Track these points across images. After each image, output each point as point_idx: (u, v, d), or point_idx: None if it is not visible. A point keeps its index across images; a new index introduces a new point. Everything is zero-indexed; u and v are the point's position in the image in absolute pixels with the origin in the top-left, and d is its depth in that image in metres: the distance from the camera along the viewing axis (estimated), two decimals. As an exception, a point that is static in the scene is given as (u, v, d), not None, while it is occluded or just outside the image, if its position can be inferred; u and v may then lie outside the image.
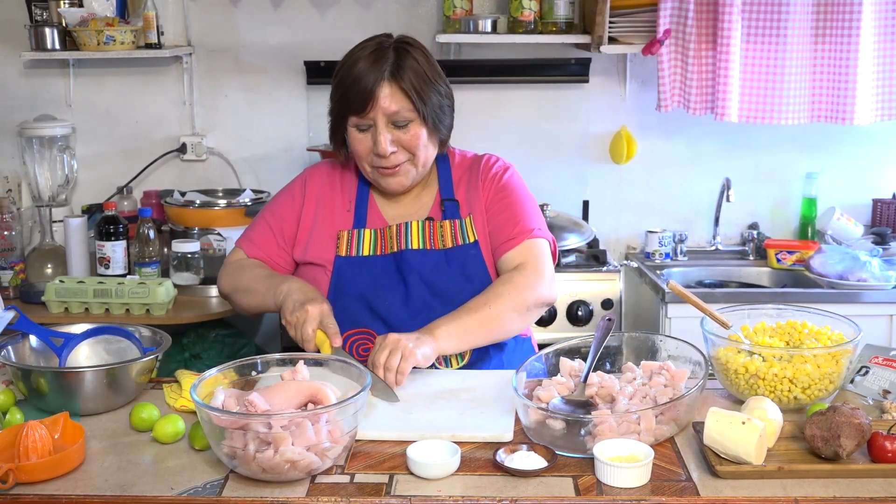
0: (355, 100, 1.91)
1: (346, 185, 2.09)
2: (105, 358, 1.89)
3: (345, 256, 2.00)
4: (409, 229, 2.01)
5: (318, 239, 2.04)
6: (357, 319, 1.97)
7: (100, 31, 3.15)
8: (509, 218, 2.02)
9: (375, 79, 1.90)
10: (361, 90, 1.90)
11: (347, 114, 1.94)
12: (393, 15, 3.40)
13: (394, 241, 2.01)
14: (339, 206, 2.07)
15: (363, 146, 1.95)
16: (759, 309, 1.92)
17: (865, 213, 3.49)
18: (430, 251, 1.99)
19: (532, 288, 1.93)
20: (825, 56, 3.15)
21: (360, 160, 1.99)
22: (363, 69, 1.91)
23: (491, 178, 2.06)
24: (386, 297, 1.97)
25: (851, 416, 1.49)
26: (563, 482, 1.46)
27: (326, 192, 2.08)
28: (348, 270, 1.99)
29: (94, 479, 1.47)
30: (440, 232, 2.01)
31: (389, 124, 1.93)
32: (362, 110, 1.91)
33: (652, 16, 3.17)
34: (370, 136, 1.94)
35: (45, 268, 3.09)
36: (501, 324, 1.90)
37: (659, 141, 3.47)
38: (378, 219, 2.05)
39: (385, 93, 1.90)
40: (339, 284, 1.99)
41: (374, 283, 1.98)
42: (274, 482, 1.45)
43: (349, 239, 2.01)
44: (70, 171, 3.35)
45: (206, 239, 3.09)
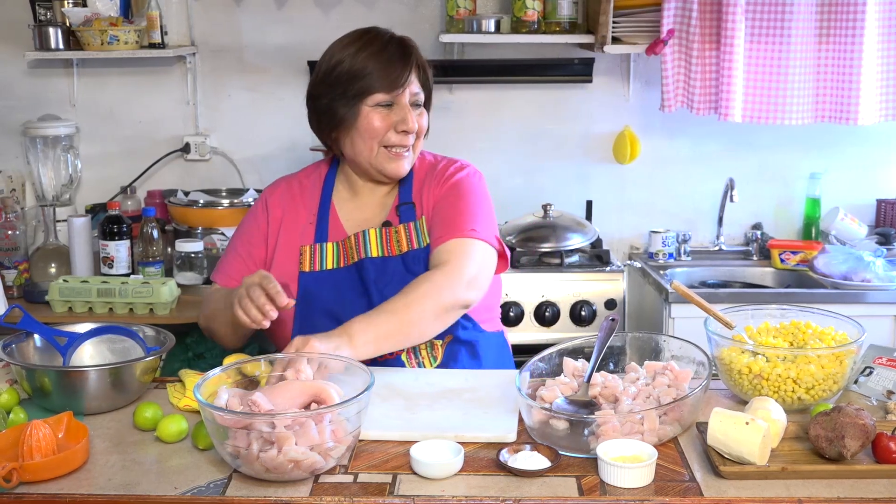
0: (389, 77, 1.96)
1: (306, 199, 2.09)
2: (109, 357, 1.89)
3: (308, 272, 2.00)
4: (367, 238, 2.00)
5: (281, 256, 2.04)
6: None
7: (103, 30, 3.15)
8: (447, 216, 1.99)
9: (408, 59, 1.99)
10: (396, 68, 1.97)
11: (373, 91, 1.96)
12: (396, 15, 3.40)
13: (353, 251, 2.00)
14: (301, 220, 2.07)
15: (385, 122, 1.98)
16: (763, 309, 1.92)
17: (869, 214, 3.49)
18: (388, 258, 1.99)
19: (449, 288, 1.87)
20: (829, 56, 3.15)
21: (374, 139, 1.99)
22: (391, 51, 1.98)
23: (444, 178, 2.06)
24: (352, 309, 1.92)
25: (856, 417, 1.49)
26: (566, 482, 1.46)
27: (288, 209, 2.08)
28: (313, 286, 1.99)
29: (98, 479, 1.47)
30: (396, 237, 2.01)
31: (411, 105, 2.00)
32: (396, 87, 1.97)
33: (655, 16, 3.17)
34: (393, 113, 1.98)
35: (49, 267, 3.09)
36: (419, 328, 1.85)
37: (662, 141, 3.47)
38: (338, 230, 2.05)
39: (414, 74, 2.00)
40: (306, 300, 1.98)
41: (339, 296, 1.97)
42: (277, 482, 1.45)
43: (312, 254, 2.01)
44: (74, 170, 3.36)
45: (209, 238, 3.09)
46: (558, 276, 3.08)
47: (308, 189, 2.11)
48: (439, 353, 1.99)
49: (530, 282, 3.05)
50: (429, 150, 3.45)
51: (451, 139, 3.47)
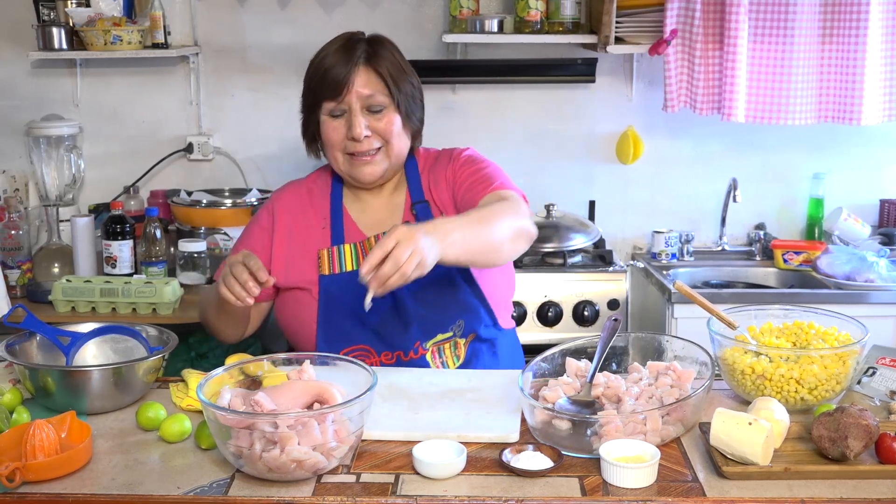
0: (330, 84, 1.93)
1: (316, 204, 2.08)
2: (112, 357, 1.89)
3: (329, 275, 1.99)
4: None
5: (297, 262, 2.03)
6: (351, 336, 1.97)
7: (107, 30, 3.16)
8: (476, 181, 1.99)
9: (350, 63, 1.94)
10: (336, 74, 1.93)
11: (321, 100, 1.95)
12: (399, 15, 3.40)
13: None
14: (313, 225, 2.06)
15: (337, 133, 1.96)
16: (766, 309, 1.92)
17: (873, 214, 3.48)
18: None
19: (520, 214, 1.89)
20: (832, 56, 3.14)
21: (333, 149, 1.98)
22: (337, 55, 1.95)
23: (450, 163, 2.06)
24: (377, 310, 1.93)
25: (859, 418, 1.49)
26: (569, 482, 1.46)
27: (298, 214, 2.07)
28: (335, 289, 1.98)
29: (101, 478, 1.48)
30: None
31: (364, 109, 1.95)
32: (338, 94, 1.93)
33: (659, 16, 3.16)
34: (344, 122, 1.95)
35: (52, 267, 3.09)
36: (498, 242, 1.83)
37: (665, 141, 3.46)
38: (355, 232, 2.04)
39: (360, 76, 1.94)
40: (329, 304, 1.98)
41: (363, 297, 1.96)
42: (280, 482, 1.45)
43: (330, 257, 2.00)
44: (77, 170, 3.36)
45: (212, 238, 3.09)
46: (561, 276, 3.08)
47: (317, 194, 2.10)
48: (462, 351, 1.99)
49: (533, 282, 3.05)
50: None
51: (453, 139, 3.44)
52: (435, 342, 1.98)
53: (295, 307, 2.03)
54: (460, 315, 1.99)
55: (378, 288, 1.65)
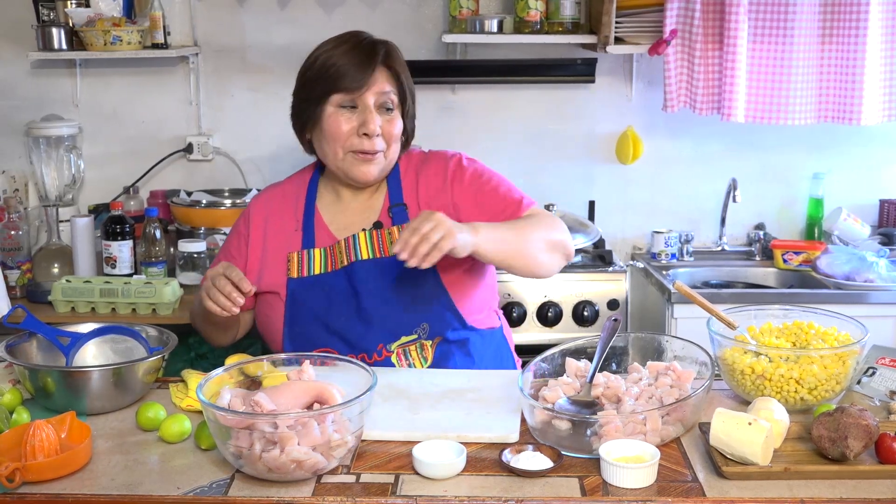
0: (350, 77, 1.93)
1: (290, 207, 2.08)
2: (111, 357, 1.89)
3: (297, 278, 1.99)
4: (356, 241, 1.99)
5: (270, 265, 2.03)
6: (315, 340, 1.96)
7: (106, 31, 3.16)
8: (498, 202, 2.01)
9: (373, 59, 1.96)
10: (358, 68, 1.94)
11: (333, 92, 1.94)
12: (399, 15, 3.40)
13: (343, 255, 1.99)
14: (287, 227, 2.06)
15: (348, 126, 1.95)
16: (766, 309, 1.92)
17: (872, 214, 3.48)
18: (380, 259, 1.98)
19: (557, 228, 1.98)
20: (832, 56, 3.14)
21: (336, 143, 1.97)
22: (358, 51, 1.96)
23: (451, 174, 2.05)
24: (341, 313, 1.95)
25: (859, 418, 1.49)
26: (568, 482, 1.46)
27: (273, 217, 2.07)
28: (301, 292, 1.98)
29: (101, 479, 1.48)
30: (389, 238, 1.99)
31: (377, 107, 1.96)
32: (357, 88, 1.94)
33: (658, 16, 3.16)
34: (356, 117, 1.95)
35: (52, 267, 3.09)
36: (533, 250, 1.91)
37: (665, 141, 3.46)
38: (326, 235, 2.04)
39: (380, 75, 1.96)
40: (294, 307, 1.98)
41: (328, 300, 1.97)
42: (280, 482, 1.45)
43: (299, 260, 2.00)
44: (77, 170, 3.36)
45: (212, 239, 3.09)
46: (561, 276, 3.05)
47: (292, 196, 2.10)
48: (430, 353, 1.98)
49: (533, 282, 3.05)
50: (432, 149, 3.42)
51: (453, 139, 3.47)
52: (400, 344, 1.97)
53: (266, 310, 2.04)
54: (424, 318, 1.97)
55: (415, 261, 1.72)
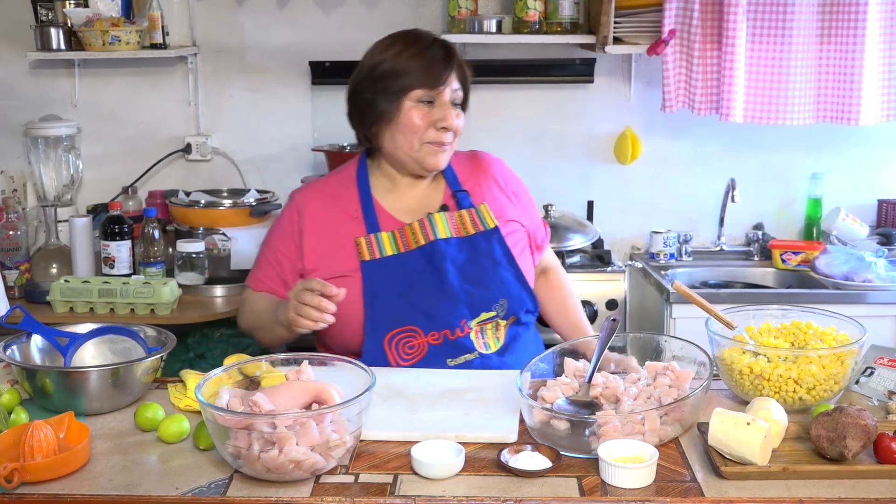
0: (432, 74, 2.02)
1: (342, 197, 2.12)
2: (110, 358, 1.89)
3: (370, 260, 2.03)
4: (433, 221, 2.06)
5: (336, 252, 2.06)
6: (398, 318, 2.00)
7: (105, 31, 3.16)
8: (537, 221, 2.23)
9: (451, 58, 2.05)
10: (439, 65, 2.03)
11: (414, 87, 2.02)
12: (398, 15, 3.40)
13: (418, 235, 2.05)
14: (344, 217, 2.09)
15: (426, 119, 2.03)
16: (764, 309, 1.92)
17: (871, 214, 3.49)
18: (456, 239, 2.06)
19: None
20: (831, 56, 3.14)
21: (413, 134, 2.03)
22: (434, 50, 2.04)
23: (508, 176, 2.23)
24: (423, 290, 2.01)
25: (858, 417, 1.49)
26: (567, 482, 1.46)
27: (327, 209, 2.11)
28: (378, 273, 2.02)
29: (99, 479, 1.48)
30: (460, 220, 2.08)
31: (450, 103, 2.05)
32: (438, 84, 2.02)
33: (657, 16, 3.17)
34: (433, 111, 2.03)
35: (51, 267, 3.09)
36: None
37: (664, 141, 3.46)
38: (390, 220, 2.08)
39: (455, 72, 2.06)
40: (373, 288, 2.01)
41: (408, 279, 2.02)
42: (278, 482, 1.45)
43: (369, 243, 2.04)
44: (75, 170, 3.36)
45: (210, 239, 3.09)
46: (560, 276, 3.08)
47: (342, 187, 2.14)
48: (502, 333, 2.05)
49: (531, 282, 3.05)
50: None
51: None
52: (479, 321, 2.02)
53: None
54: (503, 294, 2.05)
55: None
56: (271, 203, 3.25)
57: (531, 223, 2.21)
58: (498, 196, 2.16)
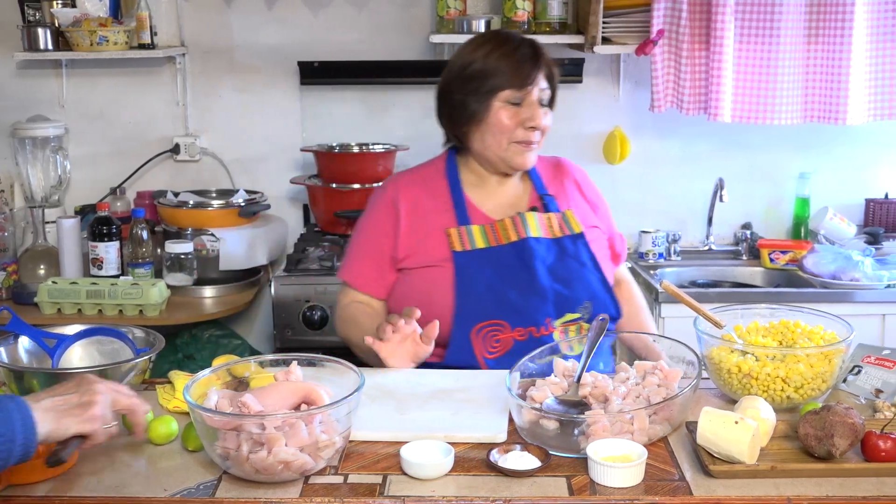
0: (521, 74, 2.05)
1: (433, 188, 2.15)
2: (98, 359, 1.88)
3: (462, 251, 2.05)
4: (524, 219, 2.09)
5: (428, 240, 2.08)
6: (487, 311, 2.01)
7: (93, 31, 3.15)
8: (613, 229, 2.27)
9: (539, 58, 2.08)
10: (528, 66, 2.06)
11: (504, 88, 2.05)
12: (387, 15, 3.40)
13: (510, 231, 2.08)
14: (436, 207, 2.12)
15: (515, 119, 2.06)
16: (752, 309, 1.92)
17: (858, 213, 3.50)
18: (545, 239, 2.09)
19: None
20: (818, 56, 3.16)
21: (502, 134, 2.07)
22: (522, 50, 2.07)
23: (589, 184, 2.29)
24: (514, 285, 2.02)
25: (845, 416, 1.49)
26: (556, 482, 1.46)
27: (419, 199, 2.14)
28: (470, 265, 2.04)
29: (87, 480, 1.47)
30: (548, 222, 2.11)
31: (538, 101, 2.07)
32: (526, 84, 2.05)
33: (645, 16, 3.17)
34: (521, 111, 2.06)
35: (38, 269, 3.08)
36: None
37: (652, 141, 3.47)
38: (479, 215, 2.12)
39: (543, 71, 2.08)
40: (464, 279, 2.03)
41: (498, 273, 2.03)
42: (267, 483, 1.44)
43: (460, 235, 2.07)
44: (63, 171, 3.35)
45: (199, 240, 3.08)
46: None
47: (433, 180, 2.17)
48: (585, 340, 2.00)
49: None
50: (422, 151, 3.45)
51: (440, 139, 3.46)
52: (564, 321, 2.03)
53: (429, 284, 2.06)
54: (588, 297, 2.07)
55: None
56: (260, 203, 3.25)
57: (610, 232, 2.25)
58: (580, 203, 2.20)
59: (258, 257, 3.13)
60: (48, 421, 1.37)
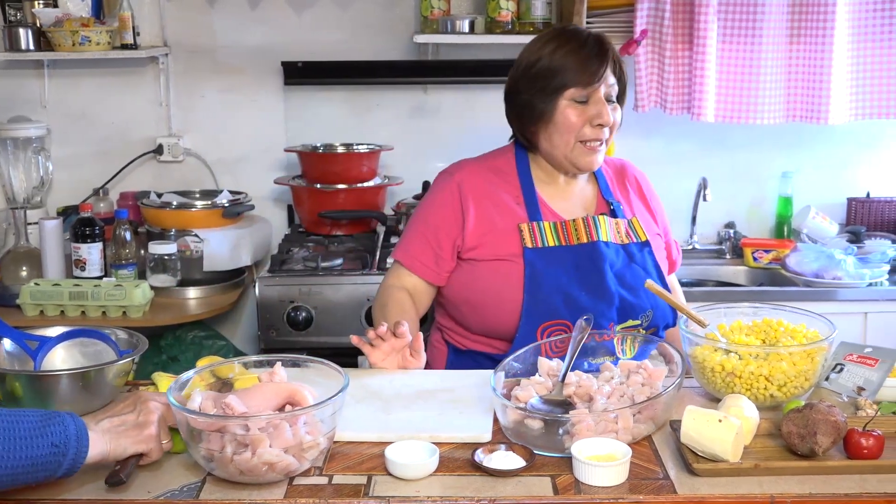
0: (587, 72, 2.02)
1: (504, 181, 2.12)
2: (81, 361, 1.87)
3: (532, 248, 2.03)
4: (597, 223, 2.07)
5: (497, 235, 2.06)
6: (553, 311, 2.00)
7: (75, 31, 3.13)
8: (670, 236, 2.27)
9: (605, 55, 2.04)
10: (594, 63, 2.02)
11: (570, 85, 2.02)
12: (371, 15, 3.40)
13: (581, 232, 2.06)
14: (506, 200, 2.10)
15: (581, 117, 2.03)
16: (736, 307, 1.93)
17: (840, 212, 3.52)
18: (614, 244, 2.08)
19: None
20: (800, 56, 3.17)
21: (569, 133, 2.04)
22: (588, 47, 2.03)
23: (652, 192, 2.27)
24: (583, 287, 2.01)
25: (828, 414, 1.50)
26: (541, 481, 1.46)
27: (488, 189, 2.11)
28: (541, 262, 2.02)
29: (70, 483, 1.46)
30: (616, 228, 2.10)
31: (605, 99, 2.04)
32: (593, 81, 2.02)
33: (629, 16, 3.18)
34: (587, 109, 2.03)
35: (20, 270, 3.06)
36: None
37: (637, 141, 3.48)
38: (550, 213, 2.10)
39: (610, 67, 2.05)
40: (535, 276, 2.01)
41: (568, 273, 2.02)
42: (252, 484, 1.44)
43: (531, 231, 2.05)
44: (45, 172, 3.33)
45: (183, 240, 3.07)
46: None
47: (503, 171, 2.14)
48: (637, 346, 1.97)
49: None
50: (407, 151, 3.45)
51: (425, 139, 3.47)
52: (624, 327, 2.03)
53: (499, 278, 2.04)
54: (651, 305, 2.06)
55: None
56: (244, 204, 3.24)
57: (668, 240, 2.25)
58: (644, 210, 2.20)
59: (242, 258, 3.12)
60: (106, 441, 1.42)
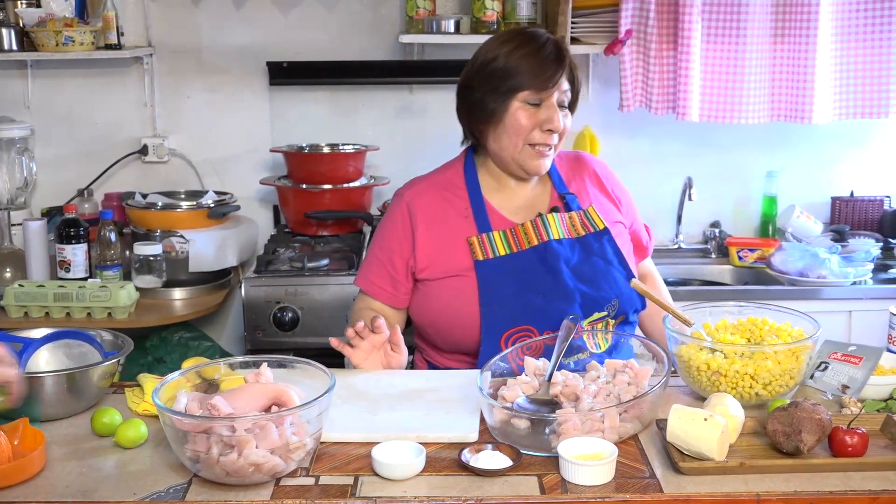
0: (542, 76, 2.01)
1: (453, 195, 2.12)
2: (66, 363, 1.86)
3: (484, 260, 2.02)
4: (546, 221, 2.06)
5: (447, 252, 2.05)
6: (514, 318, 1.99)
7: (58, 31, 3.11)
8: (638, 222, 2.25)
9: (562, 59, 2.04)
10: (549, 66, 2.02)
11: (523, 88, 2.01)
12: (356, 15, 3.39)
13: (531, 235, 2.05)
14: (454, 215, 2.09)
15: (532, 120, 2.02)
16: (721, 306, 1.94)
17: (824, 211, 3.54)
18: (568, 239, 2.06)
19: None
20: (784, 56, 3.19)
21: (518, 135, 2.03)
22: (545, 51, 2.03)
23: (612, 179, 2.25)
24: (539, 290, 1.99)
25: (813, 412, 1.51)
26: (528, 481, 1.46)
27: (436, 207, 2.10)
28: (493, 273, 2.01)
29: (55, 486, 1.45)
30: (570, 222, 2.09)
31: (557, 104, 2.04)
32: (547, 85, 2.01)
33: (614, 16, 3.19)
34: (539, 112, 2.02)
35: (4, 272, 3.04)
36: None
37: (622, 140, 3.49)
38: (501, 220, 2.08)
39: (565, 73, 2.05)
40: (488, 288, 2.00)
41: (522, 279, 2.01)
42: (238, 485, 1.44)
43: (481, 243, 2.03)
44: (29, 173, 3.31)
45: (168, 241, 3.06)
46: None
47: (451, 185, 2.14)
48: (609, 336, 2.01)
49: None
50: (393, 151, 3.45)
51: (411, 140, 3.47)
52: (591, 321, 2.02)
53: (453, 294, 2.04)
54: (615, 295, 2.05)
55: None
56: (229, 204, 3.23)
57: (634, 226, 2.24)
58: (602, 199, 2.18)
59: (228, 259, 3.11)
60: None
